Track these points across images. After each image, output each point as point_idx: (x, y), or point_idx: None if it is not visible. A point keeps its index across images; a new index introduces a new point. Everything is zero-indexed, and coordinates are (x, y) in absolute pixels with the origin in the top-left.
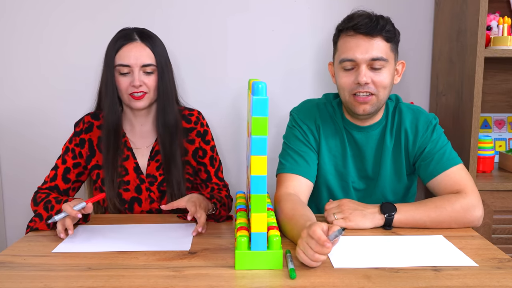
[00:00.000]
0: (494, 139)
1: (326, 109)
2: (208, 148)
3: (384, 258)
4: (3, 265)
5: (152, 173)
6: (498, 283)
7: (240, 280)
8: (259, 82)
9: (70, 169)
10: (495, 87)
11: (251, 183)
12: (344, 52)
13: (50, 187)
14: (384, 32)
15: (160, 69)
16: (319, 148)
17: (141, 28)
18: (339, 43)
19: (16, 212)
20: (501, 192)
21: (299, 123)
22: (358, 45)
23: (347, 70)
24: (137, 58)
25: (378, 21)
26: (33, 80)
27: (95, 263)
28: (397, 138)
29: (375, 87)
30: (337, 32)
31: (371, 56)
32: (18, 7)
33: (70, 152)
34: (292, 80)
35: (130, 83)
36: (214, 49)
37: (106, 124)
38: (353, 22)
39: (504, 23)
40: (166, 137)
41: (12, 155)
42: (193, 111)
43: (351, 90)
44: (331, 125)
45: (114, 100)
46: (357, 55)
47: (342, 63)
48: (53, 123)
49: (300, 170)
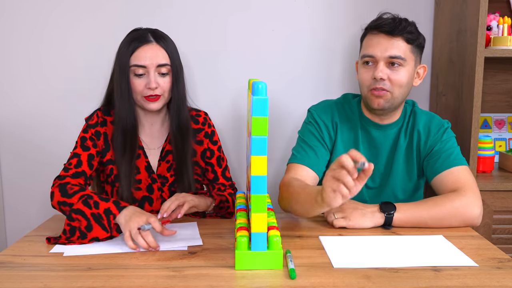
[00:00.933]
0: (494, 139)
1: (343, 108)
2: (215, 148)
3: (384, 258)
4: (3, 265)
5: (163, 174)
6: (498, 283)
7: (240, 280)
8: (259, 82)
9: (94, 155)
10: (495, 87)
11: (251, 183)
12: (365, 49)
13: (76, 173)
14: (405, 33)
15: (174, 70)
16: (334, 145)
17: (153, 29)
18: (364, 41)
19: (16, 212)
20: (501, 192)
21: (316, 119)
22: (379, 42)
23: (367, 66)
24: (153, 59)
25: (401, 22)
26: (33, 81)
27: (95, 263)
28: (410, 139)
29: (391, 85)
30: (364, 31)
31: (390, 54)
32: (18, 7)
33: (88, 140)
34: (292, 80)
35: (145, 85)
36: (214, 49)
37: (123, 125)
38: (378, 22)
39: (504, 23)
40: (179, 138)
41: (12, 156)
42: (200, 112)
43: (369, 86)
44: (348, 123)
45: (131, 102)
46: (377, 52)
47: (363, 58)
48: (53, 124)
49: (309, 162)
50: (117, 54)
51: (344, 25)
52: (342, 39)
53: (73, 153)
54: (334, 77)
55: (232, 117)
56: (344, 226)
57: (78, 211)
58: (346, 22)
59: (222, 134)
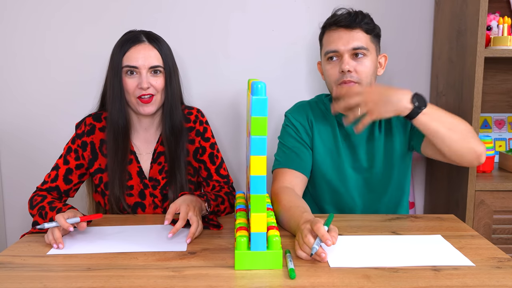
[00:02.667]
0: (494, 139)
1: (318, 107)
2: (207, 145)
3: (383, 258)
4: (3, 265)
5: (155, 177)
6: (498, 282)
7: (239, 280)
8: (259, 82)
9: (73, 170)
10: (495, 87)
11: (250, 183)
12: (327, 45)
13: (50, 187)
14: (363, 24)
15: (167, 71)
16: (312, 143)
17: (147, 31)
18: (323, 39)
19: (16, 213)
20: (501, 192)
21: (292, 121)
22: (340, 37)
23: (331, 61)
24: (145, 60)
25: (357, 15)
26: (33, 82)
27: (94, 264)
28: (388, 125)
29: (358, 76)
30: (322, 29)
31: (352, 45)
32: (19, 9)
33: (72, 152)
34: (292, 80)
35: (137, 85)
36: (214, 48)
37: (115, 127)
38: (334, 18)
39: (504, 23)
40: (172, 139)
41: (12, 156)
42: (192, 109)
43: (337, 80)
44: (323, 121)
45: (122, 103)
46: (340, 46)
47: (326, 55)
48: (53, 124)
49: (294, 164)
50: (111, 56)
51: None
52: None
53: (55, 164)
54: None
55: (231, 117)
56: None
57: (36, 223)
58: None
59: (222, 134)
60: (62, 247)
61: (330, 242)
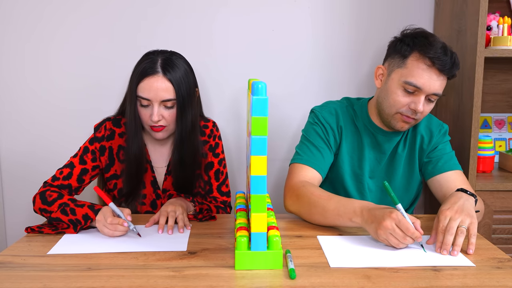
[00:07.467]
0: (494, 139)
1: (347, 112)
2: (216, 161)
3: (384, 258)
4: (3, 265)
5: (168, 188)
6: (498, 283)
7: (240, 280)
8: (259, 82)
9: (88, 171)
10: (495, 87)
11: (251, 183)
12: (413, 77)
13: (62, 185)
14: (454, 73)
15: (180, 103)
16: (339, 149)
17: (166, 55)
18: (409, 62)
19: (16, 213)
20: (501, 192)
21: (322, 121)
22: (430, 78)
23: (406, 93)
24: (157, 94)
25: (455, 61)
26: (33, 82)
27: (94, 263)
28: (412, 144)
29: (421, 115)
30: (411, 47)
31: (435, 91)
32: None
33: (89, 153)
34: (292, 80)
35: (150, 116)
36: (214, 48)
37: (131, 156)
38: (432, 52)
39: (504, 23)
40: (178, 169)
41: (12, 155)
42: (208, 122)
43: (402, 111)
44: (352, 127)
45: (137, 126)
46: (425, 87)
47: (407, 85)
48: (53, 123)
49: (315, 163)
50: (131, 76)
51: (344, 25)
52: (342, 39)
53: (70, 161)
54: (335, 77)
55: (232, 117)
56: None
57: (57, 219)
58: (346, 22)
59: (222, 134)
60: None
61: (420, 238)
